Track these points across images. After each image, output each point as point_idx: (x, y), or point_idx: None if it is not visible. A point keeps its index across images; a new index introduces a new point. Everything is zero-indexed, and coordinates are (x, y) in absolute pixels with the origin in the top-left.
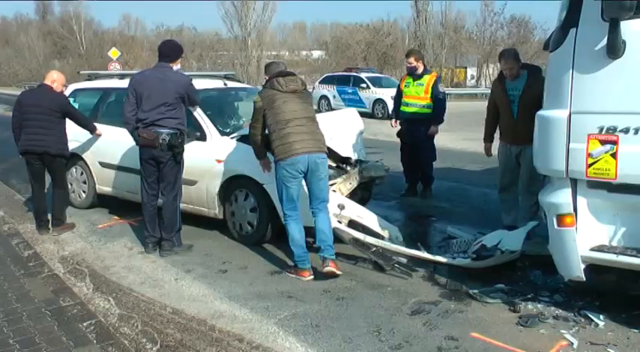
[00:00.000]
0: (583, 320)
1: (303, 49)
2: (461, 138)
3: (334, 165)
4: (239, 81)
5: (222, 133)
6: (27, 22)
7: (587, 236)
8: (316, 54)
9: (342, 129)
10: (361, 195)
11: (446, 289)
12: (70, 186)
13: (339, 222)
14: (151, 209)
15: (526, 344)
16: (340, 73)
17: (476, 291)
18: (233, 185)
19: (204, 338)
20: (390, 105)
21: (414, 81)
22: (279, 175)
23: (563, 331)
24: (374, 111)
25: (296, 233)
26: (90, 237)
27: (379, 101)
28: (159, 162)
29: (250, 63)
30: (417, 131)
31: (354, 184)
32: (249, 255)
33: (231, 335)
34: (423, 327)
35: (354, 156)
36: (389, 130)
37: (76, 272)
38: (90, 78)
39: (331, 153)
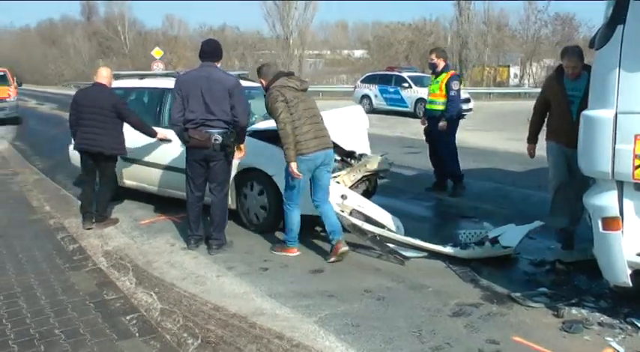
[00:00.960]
0: (629, 327)
1: (345, 48)
2: (504, 138)
3: (339, 158)
4: (251, 80)
5: None
6: (73, 24)
7: (633, 240)
8: (358, 53)
9: (347, 125)
10: (366, 187)
11: (488, 291)
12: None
13: (342, 210)
14: (197, 209)
15: (570, 351)
16: (382, 72)
17: (518, 294)
18: (245, 177)
19: (245, 335)
20: None
21: (435, 78)
22: (298, 169)
23: (608, 338)
24: (416, 111)
25: (296, 218)
26: (133, 233)
27: (421, 100)
28: (209, 162)
29: (292, 62)
30: (435, 127)
31: (358, 177)
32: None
33: (272, 332)
34: (464, 329)
35: (358, 151)
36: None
37: (120, 266)
38: (118, 77)
39: (336, 148)
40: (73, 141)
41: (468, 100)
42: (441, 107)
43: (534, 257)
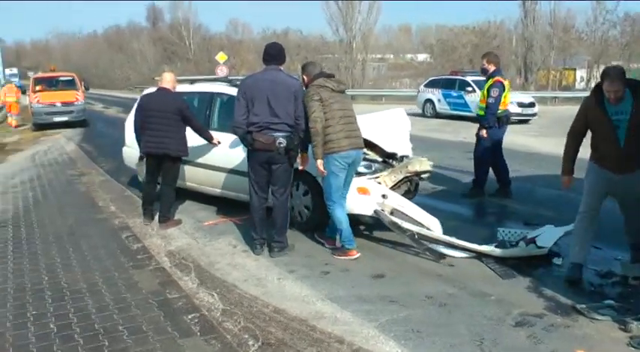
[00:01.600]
0: None
1: (408, 52)
2: None
3: (380, 159)
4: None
5: None
6: (139, 29)
7: None
8: (421, 57)
9: (389, 127)
10: (407, 188)
11: (552, 302)
12: (141, 177)
13: (382, 209)
14: (261, 212)
15: None
16: (445, 77)
17: (584, 306)
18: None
19: (305, 338)
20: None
21: (485, 83)
22: (331, 166)
23: None
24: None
25: (343, 216)
26: (196, 234)
27: None
28: (272, 164)
29: (355, 66)
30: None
31: (399, 177)
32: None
33: (332, 336)
34: (526, 340)
35: (399, 152)
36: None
37: (182, 266)
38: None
39: (377, 149)
40: (126, 144)
41: (532, 105)
42: (481, 112)
43: (600, 268)
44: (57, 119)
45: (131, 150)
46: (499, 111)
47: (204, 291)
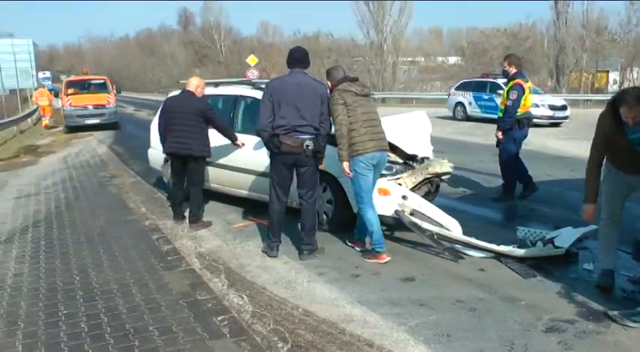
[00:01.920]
0: None
1: (439, 55)
2: None
3: (401, 161)
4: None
5: None
6: (170, 33)
7: None
8: (452, 60)
9: (410, 129)
10: (428, 189)
11: (583, 308)
12: (170, 179)
13: (403, 210)
14: (281, 214)
15: None
16: (476, 79)
17: (616, 313)
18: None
19: (335, 341)
20: None
21: (506, 85)
22: (358, 168)
23: None
24: None
25: (374, 218)
26: (226, 236)
27: None
28: (298, 167)
29: (386, 69)
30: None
31: (419, 179)
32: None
33: (361, 339)
34: (557, 346)
35: (420, 154)
36: (526, 138)
37: (212, 268)
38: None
39: (398, 151)
40: (151, 146)
41: (564, 107)
42: (500, 114)
43: (633, 274)
44: (89, 122)
45: (156, 152)
46: (518, 114)
47: (234, 293)
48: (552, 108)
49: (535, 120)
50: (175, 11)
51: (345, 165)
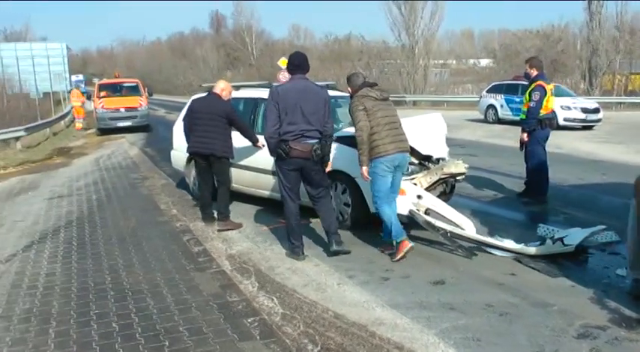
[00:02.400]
0: None
1: (471, 58)
2: (634, 151)
3: (417, 162)
4: (338, 90)
5: None
6: (202, 36)
7: None
8: (484, 62)
9: (426, 131)
10: (443, 189)
11: (616, 314)
12: (192, 180)
13: (417, 209)
14: (298, 216)
15: None
16: (508, 82)
17: None
18: (331, 178)
19: (365, 344)
20: (560, 115)
21: (528, 88)
22: (377, 170)
23: None
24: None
25: (391, 213)
26: (256, 238)
27: None
28: (307, 171)
29: (417, 71)
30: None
31: (434, 179)
32: (412, 263)
33: (391, 342)
34: None
35: (435, 155)
36: (557, 141)
37: (242, 270)
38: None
39: (414, 152)
40: (174, 147)
41: (597, 110)
42: (523, 116)
43: None
44: (121, 124)
45: (179, 154)
46: (541, 114)
47: (264, 295)
48: (585, 111)
49: (567, 123)
50: (207, 14)
51: (365, 169)
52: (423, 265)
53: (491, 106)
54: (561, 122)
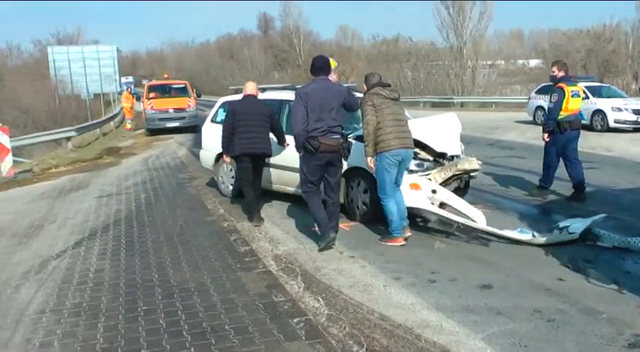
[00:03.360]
0: None
1: (520, 58)
2: None
3: (431, 158)
4: (358, 91)
5: None
6: (250, 37)
7: None
8: (533, 62)
9: (440, 130)
10: (457, 185)
11: None
12: (220, 178)
13: (432, 203)
14: (322, 207)
15: None
16: None
17: None
18: (351, 175)
19: (410, 347)
20: (610, 117)
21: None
22: (383, 163)
23: None
24: (592, 123)
25: (394, 208)
26: (302, 239)
27: (598, 112)
28: (330, 164)
29: (465, 73)
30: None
31: (448, 175)
32: (459, 266)
33: (437, 346)
34: None
35: (449, 152)
36: (608, 143)
37: (289, 270)
38: (237, 92)
39: (428, 149)
40: (203, 147)
41: None
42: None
43: None
44: (169, 124)
45: (208, 153)
46: (561, 117)
47: (309, 296)
48: (636, 112)
49: (618, 125)
50: (255, 16)
51: (369, 160)
52: (469, 268)
53: (540, 107)
54: (612, 124)
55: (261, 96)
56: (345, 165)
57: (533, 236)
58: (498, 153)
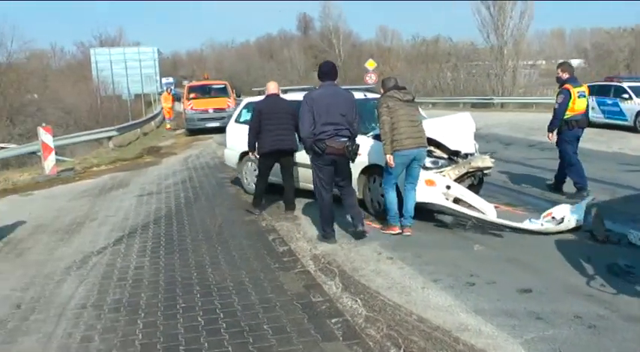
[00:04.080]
0: None
1: (561, 58)
2: None
3: (446, 156)
4: (376, 92)
5: (362, 133)
6: (289, 38)
7: None
8: (575, 62)
9: (454, 129)
10: (471, 182)
11: None
12: (244, 175)
13: (447, 198)
14: (331, 206)
15: None
16: (600, 83)
17: None
18: (369, 172)
19: (448, 349)
20: None
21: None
22: (396, 160)
23: None
24: (636, 124)
25: (393, 198)
26: (341, 239)
27: None
28: (340, 164)
29: (505, 73)
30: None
31: (462, 171)
32: (498, 269)
33: (475, 349)
34: None
35: (463, 150)
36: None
37: (327, 270)
38: (260, 93)
39: (443, 148)
40: (227, 146)
41: None
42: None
43: None
44: (209, 125)
45: (232, 152)
46: (567, 116)
47: (347, 296)
48: None
49: None
50: (295, 16)
51: (389, 157)
52: (509, 272)
53: None
54: None
55: (284, 97)
56: (365, 162)
57: (542, 225)
58: (539, 154)
